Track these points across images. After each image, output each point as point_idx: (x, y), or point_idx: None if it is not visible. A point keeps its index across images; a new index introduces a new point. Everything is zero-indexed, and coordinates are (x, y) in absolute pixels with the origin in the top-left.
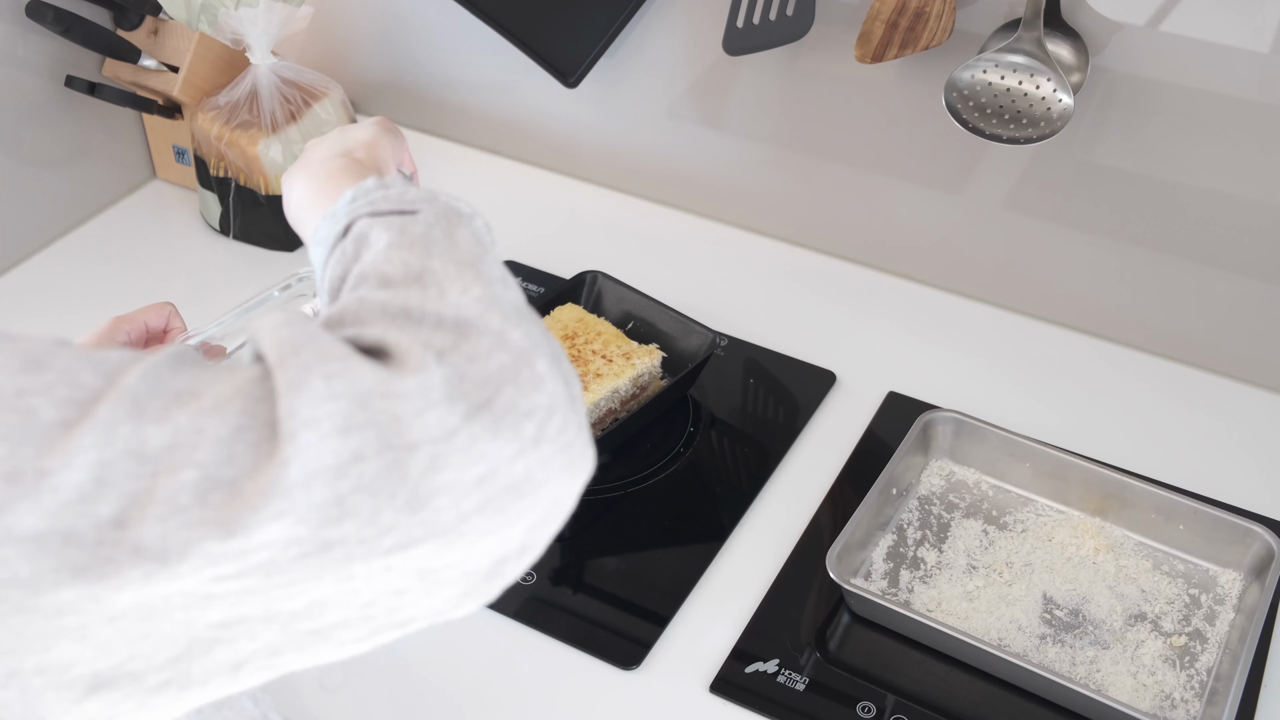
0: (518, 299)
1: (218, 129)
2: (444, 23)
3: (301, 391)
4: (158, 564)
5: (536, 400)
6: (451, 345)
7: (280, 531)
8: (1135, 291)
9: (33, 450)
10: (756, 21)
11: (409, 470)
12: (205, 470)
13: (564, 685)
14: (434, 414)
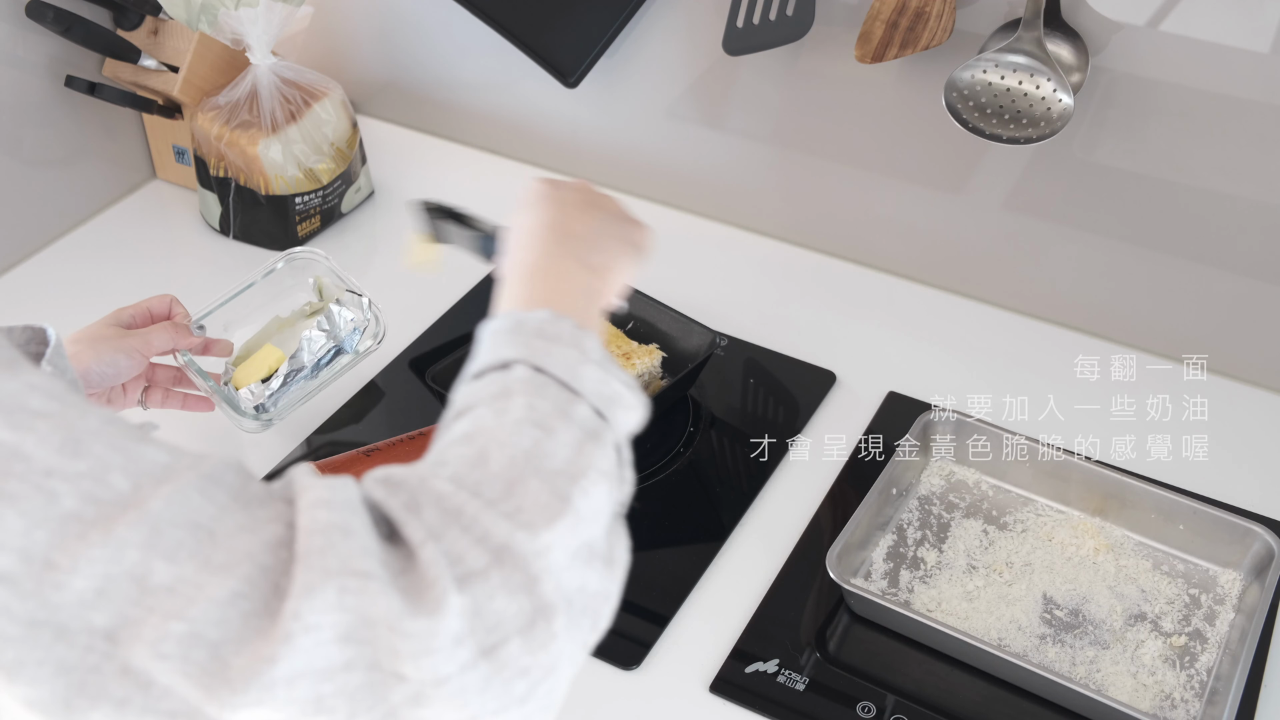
0: (590, 535)
1: (218, 129)
2: (444, 23)
3: (312, 598)
4: (139, 691)
5: (538, 659)
6: (481, 571)
7: (254, 714)
8: (1135, 291)
9: (45, 538)
10: (756, 21)
11: (391, 695)
12: (195, 627)
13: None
14: (431, 660)
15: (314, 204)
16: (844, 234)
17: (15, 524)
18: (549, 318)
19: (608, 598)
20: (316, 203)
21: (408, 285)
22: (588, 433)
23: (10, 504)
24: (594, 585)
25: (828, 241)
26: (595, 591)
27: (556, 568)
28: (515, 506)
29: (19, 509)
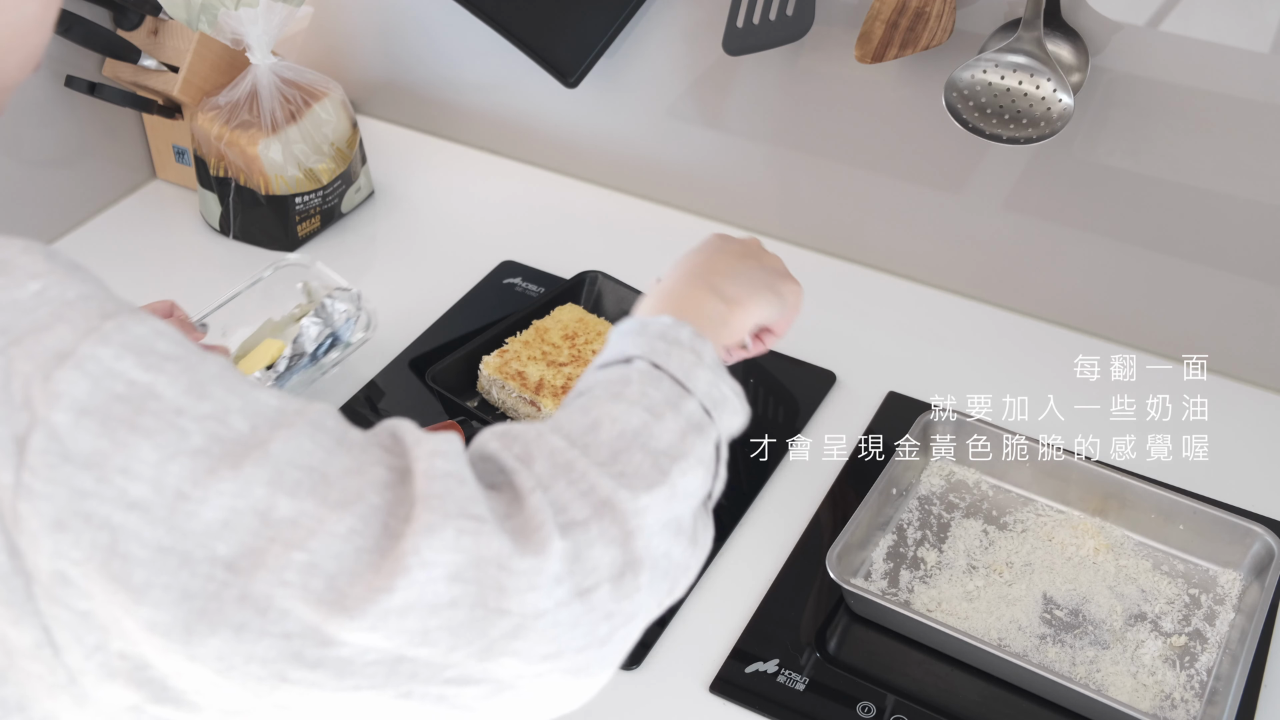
0: (679, 512)
1: (218, 129)
2: (444, 22)
3: (432, 537)
4: (257, 615)
5: (622, 606)
6: (583, 521)
7: (365, 639)
8: (1135, 291)
9: (179, 471)
10: (756, 21)
11: (493, 629)
12: (314, 557)
13: None
14: (534, 595)
15: (314, 204)
16: (844, 234)
17: (150, 455)
18: (671, 323)
19: (687, 570)
20: (316, 203)
21: (407, 286)
22: (693, 425)
23: (146, 437)
24: (677, 556)
25: (828, 241)
26: (677, 562)
27: (649, 530)
28: (619, 470)
29: (153, 442)
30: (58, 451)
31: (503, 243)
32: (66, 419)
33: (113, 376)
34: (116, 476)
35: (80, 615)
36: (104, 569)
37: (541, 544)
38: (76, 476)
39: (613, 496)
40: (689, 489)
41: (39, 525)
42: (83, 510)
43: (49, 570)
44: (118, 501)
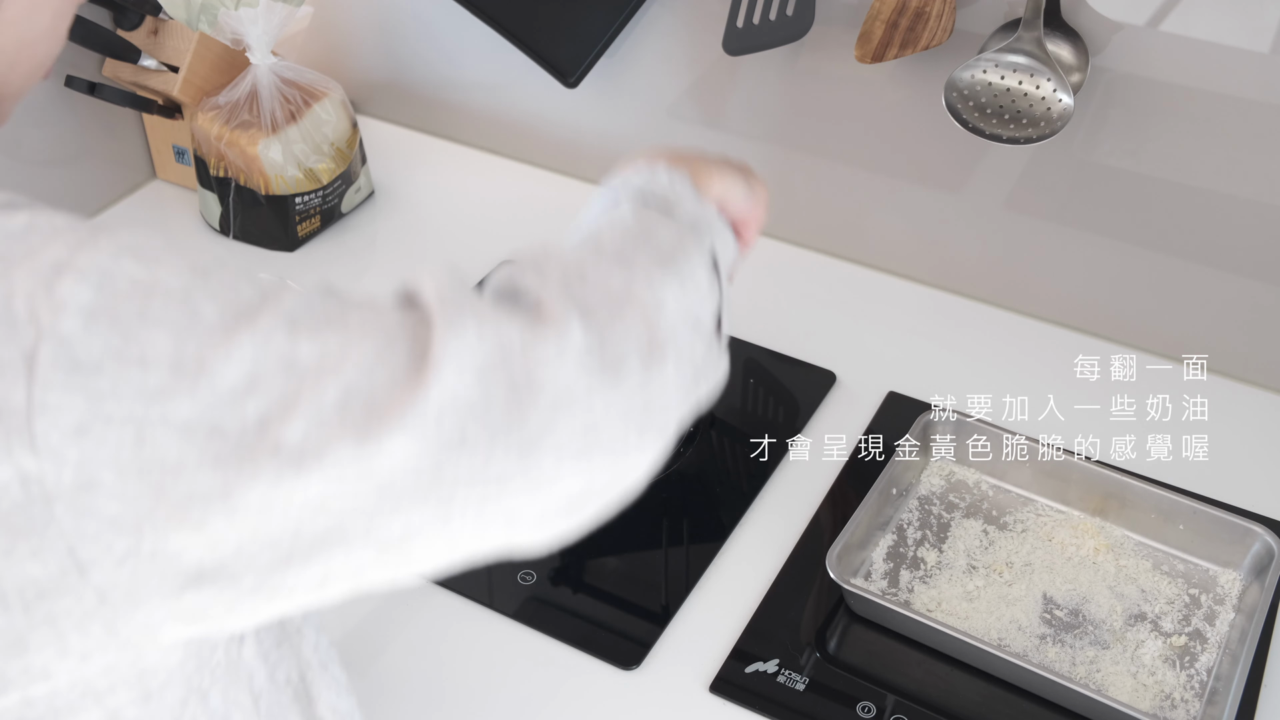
0: (698, 310)
1: (218, 129)
2: (444, 23)
3: (456, 332)
4: (292, 464)
5: (653, 376)
6: (602, 310)
7: (406, 449)
8: (1135, 291)
9: (195, 344)
10: (756, 21)
11: (530, 419)
12: (348, 382)
13: (564, 685)
14: (564, 372)
15: (314, 204)
16: (844, 234)
17: (164, 340)
18: (647, 168)
19: (708, 374)
20: (316, 203)
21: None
22: (688, 228)
23: (158, 324)
24: (699, 354)
25: (828, 241)
26: (700, 359)
27: (670, 317)
28: (628, 265)
29: (167, 327)
30: (69, 360)
31: (503, 243)
32: (75, 325)
33: (114, 277)
34: (134, 370)
35: (109, 521)
36: (134, 459)
37: (561, 323)
38: (92, 381)
39: (629, 287)
40: (699, 285)
41: (59, 438)
42: (103, 413)
43: (73, 481)
44: (138, 394)
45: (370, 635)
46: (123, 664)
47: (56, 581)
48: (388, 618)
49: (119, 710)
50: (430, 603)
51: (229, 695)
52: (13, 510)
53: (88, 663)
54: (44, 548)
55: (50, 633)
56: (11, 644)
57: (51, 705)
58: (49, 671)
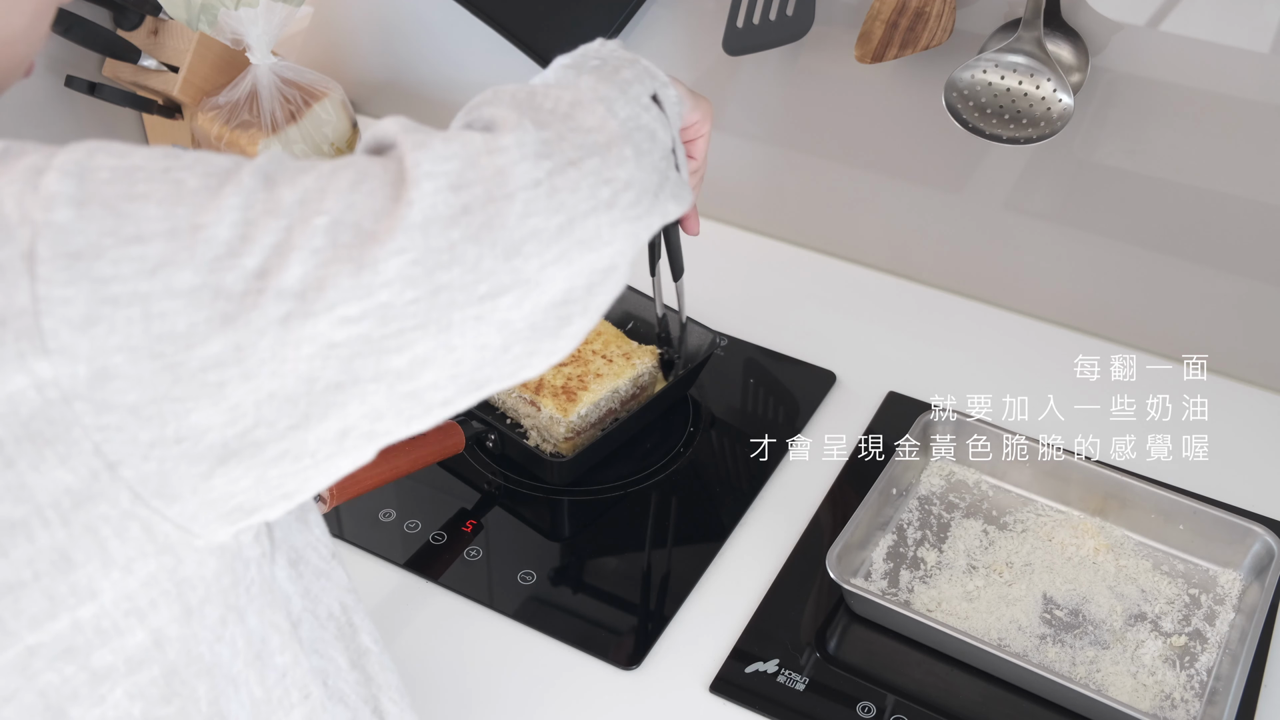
0: (647, 122)
1: (218, 129)
2: (444, 23)
3: (426, 149)
4: (296, 301)
5: (616, 173)
6: (558, 120)
7: (400, 268)
8: (1135, 291)
9: (186, 210)
10: (756, 21)
11: (507, 219)
12: (333, 216)
13: (564, 685)
14: (526, 164)
15: None
16: (844, 234)
17: (155, 212)
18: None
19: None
20: None
21: None
22: (625, 64)
23: (146, 199)
24: (659, 161)
25: (828, 241)
26: (661, 166)
27: (621, 116)
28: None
29: (155, 200)
30: (67, 251)
31: None
32: (68, 214)
33: (95, 169)
34: (132, 247)
35: (129, 411)
36: (145, 338)
37: (517, 125)
38: (93, 267)
39: (578, 97)
40: (644, 103)
41: (68, 332)
42: (109, 296)
43: (88, 375)
44: (139, 271)
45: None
46: (162, 575)
47: (89, 485)
48: (388, 618)
49: (162, 629)
50: (430, 603)
51: (265, 617)
52: (33, 417)
53: (130, 574)
54: (71, 452)
55: (92, 543)
56: (57, 561)
57: (98, 628)
58: (95, 588)
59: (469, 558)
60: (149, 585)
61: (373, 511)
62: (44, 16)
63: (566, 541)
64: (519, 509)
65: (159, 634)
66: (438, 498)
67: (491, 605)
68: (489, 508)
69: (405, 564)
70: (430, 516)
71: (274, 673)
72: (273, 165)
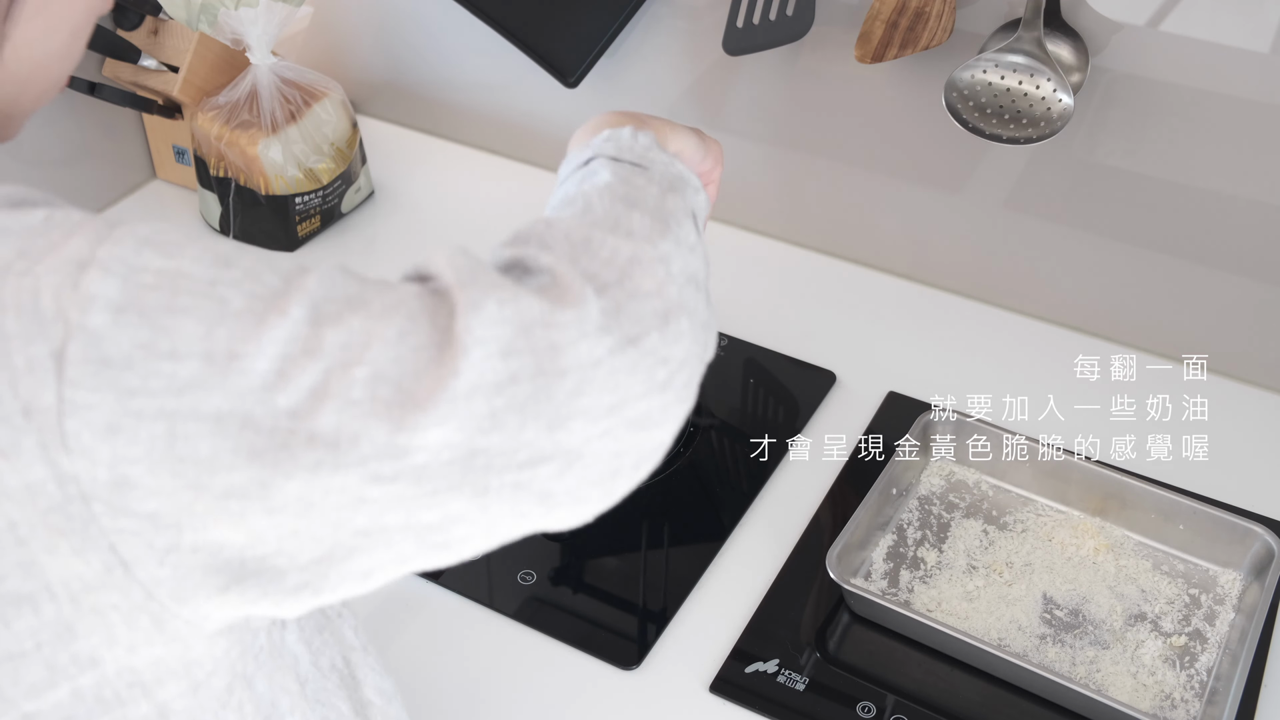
0: (695, 268)
1: (218, 129)
2: (444, 23)
3: (479, 312)
4: (329, 451)
5: (674, 351)
6: (615, 282)
7: (440, 433)
8: (1135, 291)
9: (225, 334)
10: (756, 21)
11: (556, 394)
12: (375, 368)
13: (564, 685)
14: (586, 344)
15: (314, 204)
16: (843, 234)
17: (194, 330)
18: (610, 133)
19: (710, 329)
20: (316, 203)
21: None
22: (668, 185)
23: (186, 315)
24: (704, 311)
25: (827, 241)
26: (705, 317)
27: (676, 278)
28: (628, 231)
29: (196, 317)
30: (98, 357)
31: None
32: (104, 319)
33: (139, 270)
34: (164, 364)
35: (147, 518)
36: (167, 455)
37: (579, 298)
38: (122, 377)
39: (636, 253)
40: (690, 241)
41: (90, 437)
42: (133, 409)
43: (108, 480)
44: (168, 388)
45: (370, 635)
46: (169, 657)
47: (102, 578)
48: (388, 618)
49: (168, 703)
50: (430, 603)
51: (275, 680)
52: (51, 510)
53: (135, 654)
54: (86, 546)
55: (98, 621)
56: (60, 633)
57: (100, 697)
58: (97, 658)
59: None
60: (155, 665)
61: None
62: (80, 36)
63: (566, 541)
64: None
65: (164, 707)
66: None
67: (491, 605)
68: None
69: None
70: None
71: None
72: (323, 294)
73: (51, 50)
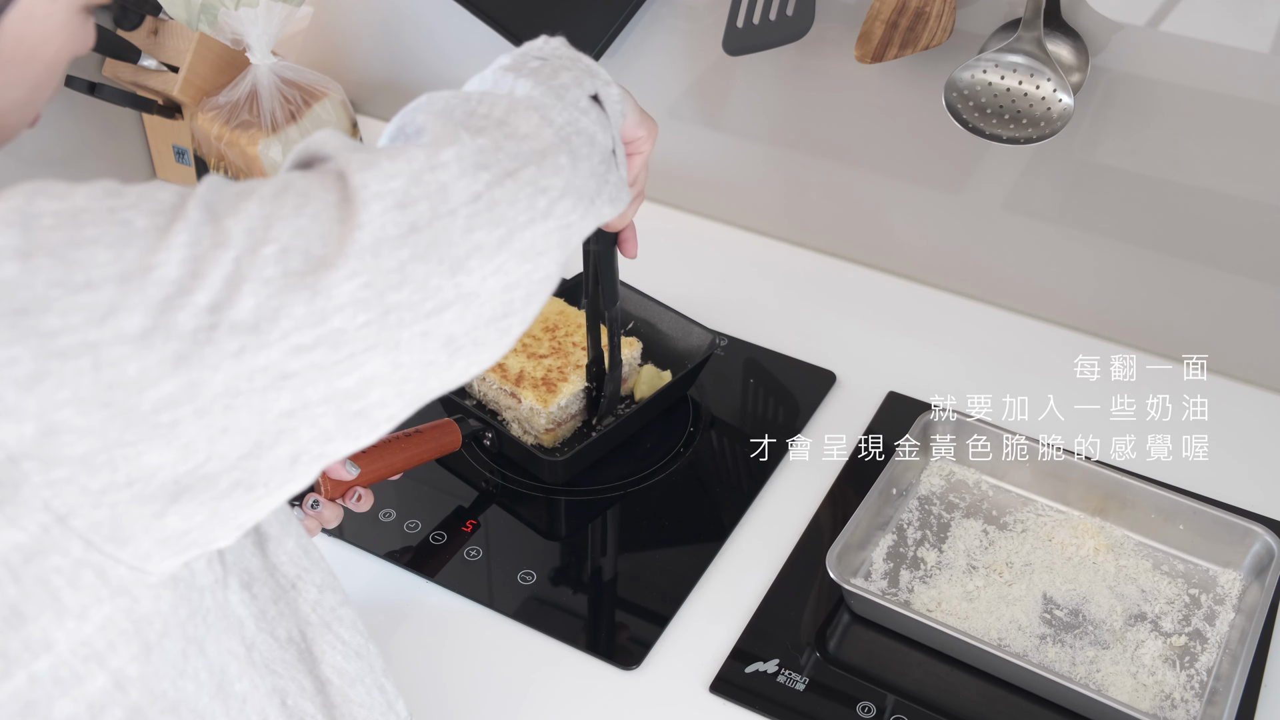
0: (585, 126)
1: (218, 129)
2: (444, 23)
3: (372, 169)
4: (250, 334)
5: (552, 181)
6: (493, 127)
7: (353, 292)
8: (1135, 291)
9: (136, 251)
10: (756, 21)
11: (452, 235)
12: (281, 243)
13: (564, 685)
14: (466, 179)
15: None
16: (844, 234)
17: (105, 256)
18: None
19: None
20: None
21: None
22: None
23: (95, 244)
24: (598, 164)
25: (828, 241)
26: (600, 169)
27: (558, 123)
28: (509, 92)
29: (104, 244)
30: (11, 308)
31: None
32: (12, 269)
33: (36, 215)
34: (82, 295)
35: (79, 461)
36: (95, 386)
37: (452, 139)
38: (41, 321)
39: (512, 104)
40: (581, 105)
41: (14, 393)
42: (57, 349)
43: (35, 432)
44: (89, 319)
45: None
46: (119, 615)
47: (39, 540)
48: (388, 618)
49: (122, 669)
50: (430, 603)
51: (223, 644)
52: None
53: (85, 620)
54: (20, 512)
55: (44, 595)
56: (8, 618)
57: (57, 678)
58: (50, 640)
59: (469, 557)
60: (106, 628)
61: (373, 511)
62: (43, 88)
63: (566, 541)
64: (518, 508)
65: (119, 675)
66: (437, 497)
67: (491, 605)
68: (487, 506)
69: (405, 564)
70: (430, 516)
71: (236, 701)
72: (213, 194)
73: (9, 101)
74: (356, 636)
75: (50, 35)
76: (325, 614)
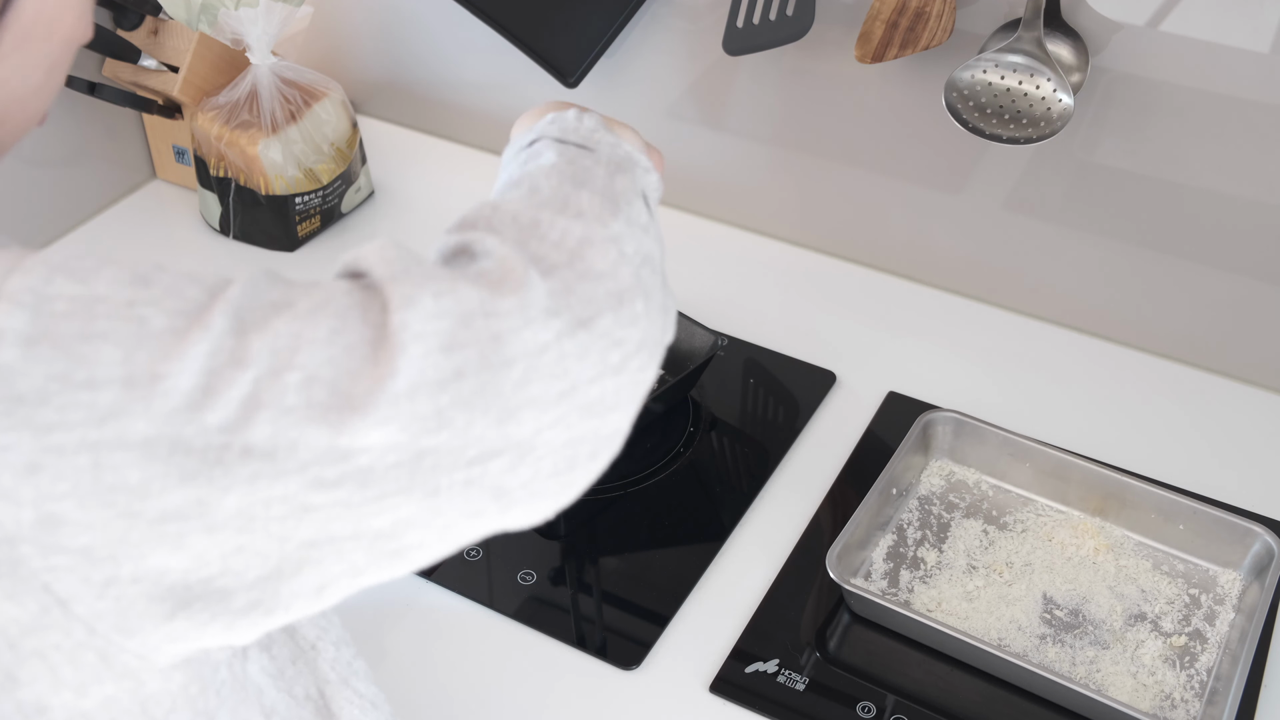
0: (649, 249)
1: (218, 129)
2: (444, 23)
3: (414, 307)
4: (266, 461)
5: (629, 334)
6: (566, 263)
7: (383, 438)
8: (1135, 291)
9: (146, 356)
10: (756, 21)
11: (503, 385)
12: (307, 371)
13: (564, 685)
14: (531, 331)
15: (314, 204)
16: (844, 234)
17: (112, 355)
18: (555, 115)
19: (668, 314)
20: (316, 203)
21: None
22: (616, 167)
23: (104, 340)
24: (659, 293)
25: (828, 241)
26: (661, 298)
27: (631, 257)
28: (577, 211)
29: (113, 342)
30: (9, 395)
31: None
32: (13, 354)
33: (51, 299)
34: (81, 394)
35: (80, 553)
36: (95, 487)
37: (520, 283)
38: (37, 414)
39: (587, 233)
40: (642, 221)
41: (11, 478)
42: (53, 445)
43: (34, 519)
44: (88, 419)
45: (370, 636)
46: (122, 694)
47: (38, 619)
48: (388, 618)
49: None
50: (430, 603)
51: (239, 714)
52: None
53: (84, 696)
54: (18, 589)
55: (40, 665)
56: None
57: None
58: (43, 705)
59: (468, 557)
60: (108, 705)
61: None
62: (58, 70)
63: (566, 541)
64: None
65: None
66: None
67: (491, 605)
68: None
69: None
70: None
71: None
72: (245, 299)
73: (30, 85)
74: (370, 687)
75: (63, 10)
76: (343, 669)
